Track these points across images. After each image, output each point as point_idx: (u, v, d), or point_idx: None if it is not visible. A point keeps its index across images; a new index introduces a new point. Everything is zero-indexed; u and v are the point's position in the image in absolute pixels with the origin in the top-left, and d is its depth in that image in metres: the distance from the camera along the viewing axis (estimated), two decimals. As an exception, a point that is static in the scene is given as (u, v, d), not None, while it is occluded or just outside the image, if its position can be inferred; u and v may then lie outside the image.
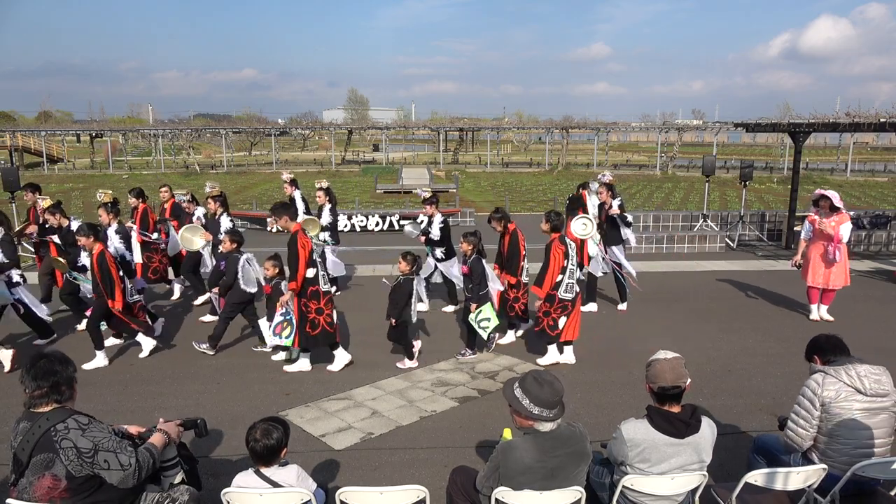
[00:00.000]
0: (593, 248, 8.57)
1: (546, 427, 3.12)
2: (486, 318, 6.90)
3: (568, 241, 6.83)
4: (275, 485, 3.14)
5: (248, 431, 3.22)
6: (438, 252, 8.72)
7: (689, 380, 3.28)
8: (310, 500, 3.10)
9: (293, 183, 9.93)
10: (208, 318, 8.35)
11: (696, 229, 14.68)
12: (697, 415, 3.31)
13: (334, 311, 6.66)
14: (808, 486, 3.48)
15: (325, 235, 9.38)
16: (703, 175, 15.18)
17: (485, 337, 6.99)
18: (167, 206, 9.72)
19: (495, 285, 7.20)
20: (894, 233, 14.11)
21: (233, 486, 3.17)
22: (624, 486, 3.29)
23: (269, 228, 16.84)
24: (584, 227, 8.12)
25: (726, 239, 14.01)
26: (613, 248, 8.84)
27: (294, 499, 3.10)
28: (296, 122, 61.70)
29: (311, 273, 6.38)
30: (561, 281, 6.64)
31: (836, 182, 34.77)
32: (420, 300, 7.34)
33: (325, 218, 9.48)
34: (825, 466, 3.45)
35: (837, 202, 7.94)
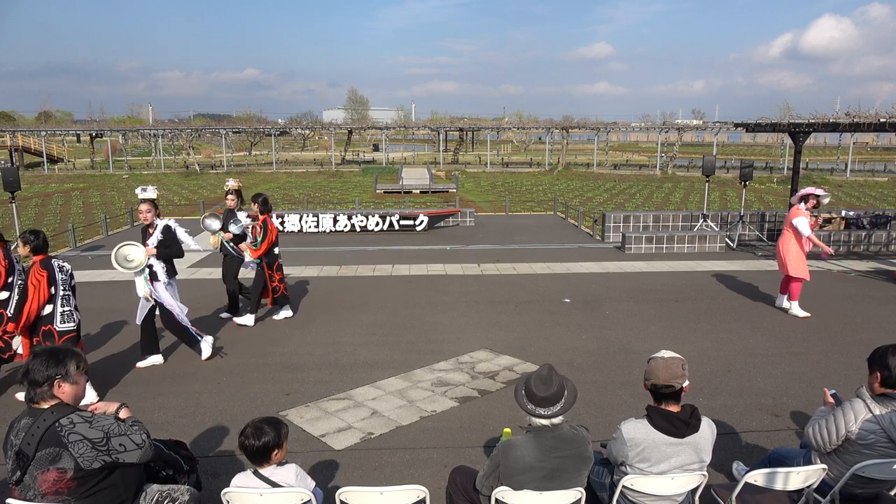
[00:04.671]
0: (142, 287, 6.63)
1: (541, 423, 3.12)
2: None
3: (57, 263, 5.78)
4: (274, 485, 3.14)
5: (241, 430, 3.23)
6: None
7: (686, 382, 3.27)
8: (310, 500, 3.10)
9: None
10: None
11: (696, 229, 14.67)
12: (697, 414, 3.32)
13: None
14: (808, 486, 3.48)
15: None
16: (703, 175, 15.17)
17: None
18: None
19: None
20: (894, 233, 14.11)
21: (232, 486, 3.17)
22: (624, 486, 3.30)
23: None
24: (127, 259, 6.52)
25: (726, 239, 14.01)
26: (157, 284, 6.68)
27: (294, 499, 3.10)
28: (296, 122, 61.68)
29: None
30: (53, 312, 5.75)
31: (836, 182, 34.79)
32: None
33: None
34: (825, 466, 3.45)
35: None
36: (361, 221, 16.81)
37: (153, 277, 6.64)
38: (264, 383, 6.30)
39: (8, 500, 2.92)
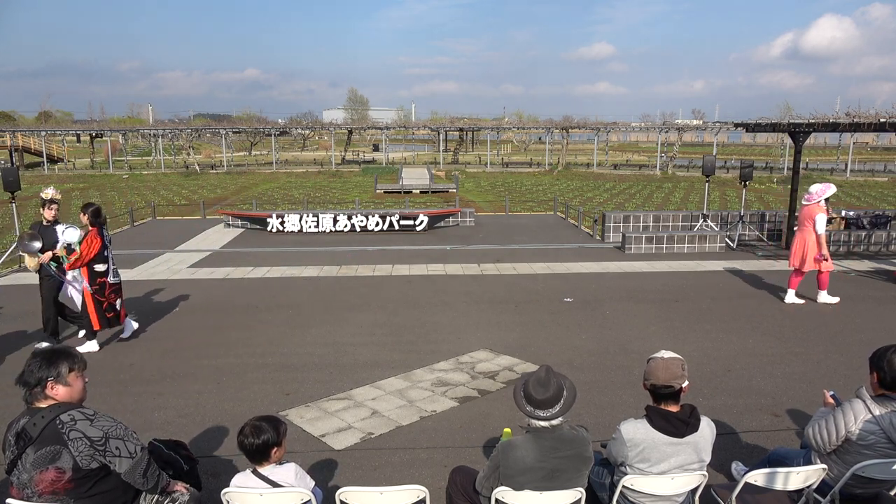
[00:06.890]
0: None
1: (540, 425, 3.12)
2: None
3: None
4: (274, 484, 3.14)
5: (239, 429, 3.23)
6: None
7: (686, 382, 3.27)
8: (310, 500, 3.10)
9: None
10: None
11: (696, 229, 14.67)
12: (696, 414, 3.31)
13: None
14: (808, 487, 3.48)
15: None
16: (703, 175, 15.16)
17: None
18: None
19: None
20: (894, 233, 14.11)
21: (231, 485, 3.16)
22: (624, 487, 3.30)
23: (269, 228, 16.87)
24: None
25: (726, 239, 14.00)
26: None
27: (294, 498, 3.09)
28: (296, 122, 61.70)
29: None
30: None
31: (835, 182, 34.74)
32: None
33: None
34: (825, 466, 3.45)
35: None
36: (361, 221, 16.81)
37: None
38: (264, 383, 6.30)
39: (8, 501, 2.92)
